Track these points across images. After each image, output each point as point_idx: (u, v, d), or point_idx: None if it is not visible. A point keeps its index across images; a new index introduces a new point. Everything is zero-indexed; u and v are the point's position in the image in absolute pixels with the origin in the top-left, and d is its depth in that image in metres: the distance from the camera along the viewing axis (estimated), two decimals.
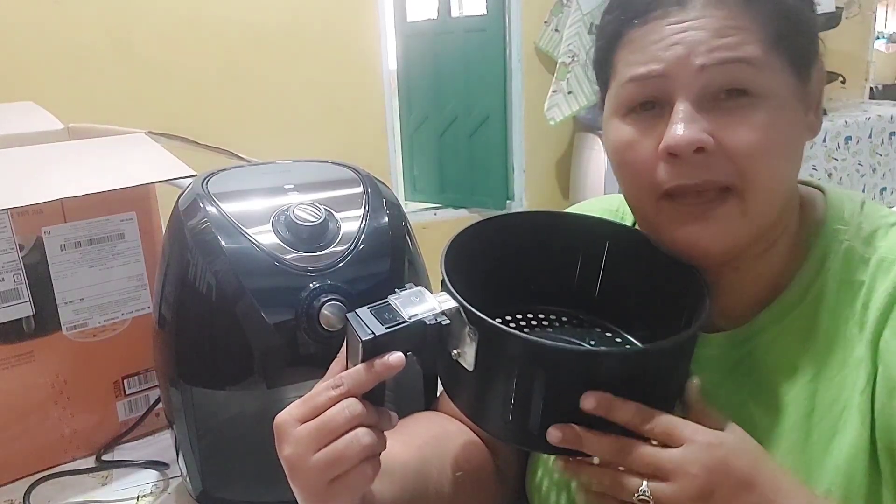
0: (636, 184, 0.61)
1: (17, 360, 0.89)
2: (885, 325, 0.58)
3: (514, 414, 0.53)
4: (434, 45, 3.18)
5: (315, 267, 0.72)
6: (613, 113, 0.62)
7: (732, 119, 0.56)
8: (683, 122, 0.55)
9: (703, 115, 0.56)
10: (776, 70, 0.57)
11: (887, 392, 0.57)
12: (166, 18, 2.50)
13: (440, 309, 0.54)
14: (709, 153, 0.56)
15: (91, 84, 2.40)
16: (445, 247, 0.60)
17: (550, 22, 3.10)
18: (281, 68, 2.74)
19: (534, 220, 0.69)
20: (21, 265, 0.87)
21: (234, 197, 0.77)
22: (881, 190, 3.16)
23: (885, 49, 5.13)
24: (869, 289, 0.60)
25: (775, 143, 0.57)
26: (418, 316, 0.53)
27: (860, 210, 0.64)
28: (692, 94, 0.56)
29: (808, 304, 0.62)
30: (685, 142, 0.55)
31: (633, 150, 0.60)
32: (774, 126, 0.56)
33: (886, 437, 0.57)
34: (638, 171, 0.60)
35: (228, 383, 0.77)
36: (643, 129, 0.59)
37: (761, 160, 0.56)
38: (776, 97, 0.57)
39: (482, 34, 3.11)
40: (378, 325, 0.53)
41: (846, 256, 0.62)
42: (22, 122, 1.12)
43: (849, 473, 0.58)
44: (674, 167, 0.57)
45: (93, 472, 0.92)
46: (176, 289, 0.75)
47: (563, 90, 2.92)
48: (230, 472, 0.88)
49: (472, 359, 0.52)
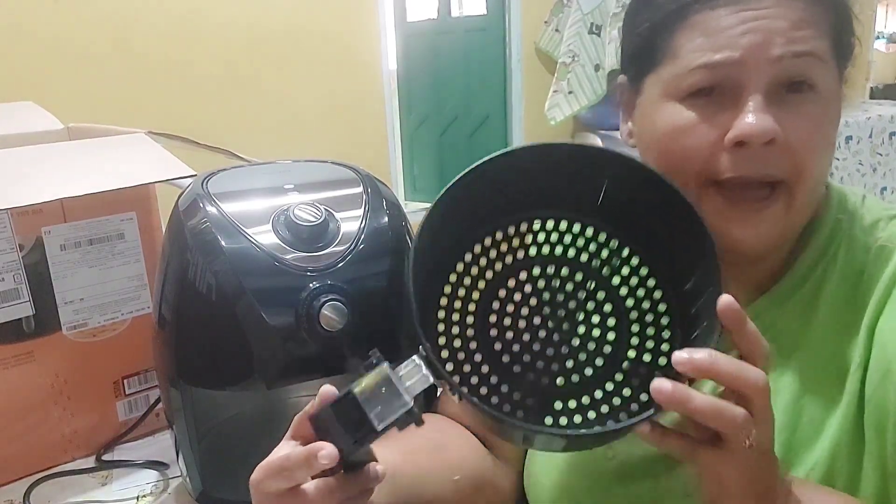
0: (684, 169, 0.59)
1: (17, 360, 0.89)
2: (883, 311, 0.59)
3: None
4: (434, 45, 3.18)
5: (315, 267, 0.72)
6: (667, 95, 0.60)
7: (794, 113, 0.56)
8: (758, 113, 0.55)
9: (773, 106, 0.56)
10: (832, 68, 0.58)
11: (880, 375, 0.57)
12: (166, 18, 2.50)
13: (411, 403, 0.47)
14: (775, 146, 0.56)
15: (91, 84, 2.41)
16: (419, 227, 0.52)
17: (551, 22, 3.10)
18: (281, 68, 2.74)
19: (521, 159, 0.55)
20: (21, 265, 0.87)
21: (234, 197, 0.77)
22: (881, 189, 3.17)
23: (885, 49, 5.13)
24: (869, 276, 0.61)
25: (826, 138, 0.58)
26: (388, 422, 0.47)
27: (862, 203, 0.66)
28: (764, 85, 0.56)
29: (808, 290, 0.63)
30: (760, 132, 0.55)
31: (690, 135, 0.58)
32: (826, 121, 0.58)
33: (876, 418, 0.57)
34: (691, 156, 0.59)
35: (228, 383, 0.77)
36: (704, 116, 0.58)
37: (814, 155, 0.57)
38: (829, 93, 0.58)
39: (482, 34, 3.11)
40: (347, 438, 0.47)
41: (847, 245, 0.63)
42: (22, 122, 1.12)
43: (833, 453, 0.59)
44: (740, 158, 0.56)
45: (93, 472, 0.92)
46: (176, 289, 0.75)
47: (564, 90, 2.93)
48: (230, 472, 0.87)
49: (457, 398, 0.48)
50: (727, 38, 0.56)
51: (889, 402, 0.57)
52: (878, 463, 0.58)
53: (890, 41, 5.36)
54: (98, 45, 2.42)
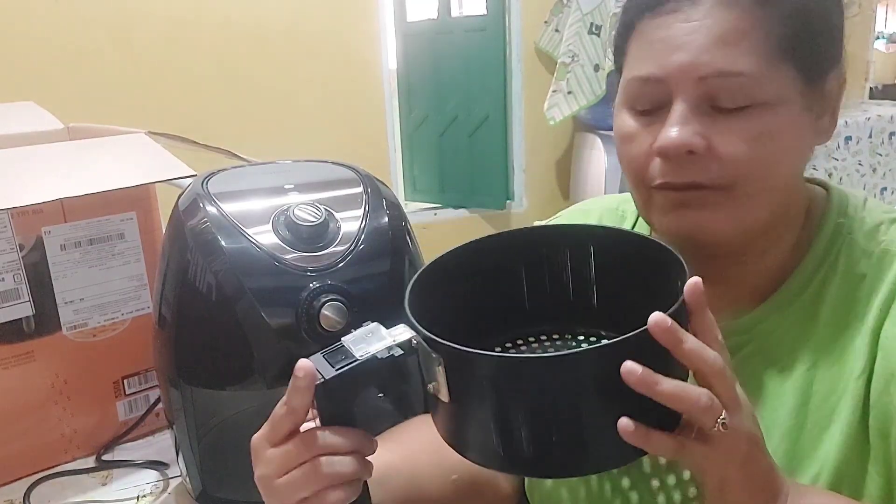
0: (632, 173, 0.63)
1: (17, 360, 0.89)
2: (887, 316, 0.59)
3: (502, 440, 0.49)
4: (434, 45, 3.18)
5: (315, 267, 0.72)
6: (622, 103, 0.64)
7: (728, 125, 0.56)
8: (677, 125, 0.57)
9: (700, 118, 0.57)
10: (780, 77, 0.56)
11: (885, 380, 0.57)
12: (166, 18, 2.50)
13: (394, 342, 0.51)
14: (699, 156, 0.57)
15: (91, 84, 2.41)
16: (413, 277, 0.57)
17: (550, 22, 3.10)
18: (281, 68, 2.74)
19: (510, 239, 0.65)
20: (21, 265, 0.87)
21: (234, 197, 0.77)
22: (881, 190, 3.17)
23: (885, 49, 5.13)
24: (872, 281, 0.60)
25: (770, 150, 0.57)
26: (370, 352, 0.51)
27: (863, 206, 0.65)
28: (690, 99, 0.57)
29: (809, 295, 0.63)
30: (675, 144, 0.57)
31: (632, 143, 0.62)
32: (770, 134, 0.57)
33: (881, 422, 0.57)
34: (634, 163, 0.62)
35: (228, 383, 0.77)
36: (643, 125, 0.61)
37: (752, 168, 0.57)
38: (778, 104, 0.57)
39: (482, 34, 3.11)
40: (329, 368, 0.51)
41: (849, 249, 0.62)
42: (22, 122, 1.12)
43: (839, 459, 0.59)
44: (665, 165, 0.59)
45: (93, 472, 0.92)
46: (176, 289, 0.75)
47: (563, 90, 2.93)
48: (230, 472, 0.87)
49: (445, 388, 0.49)
50: (658, 54, 0.58)
51: (894, 408, 0.56)
52: (884, 468, 0.58)
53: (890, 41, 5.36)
54: (98, 45, 2.41)
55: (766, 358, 0.64)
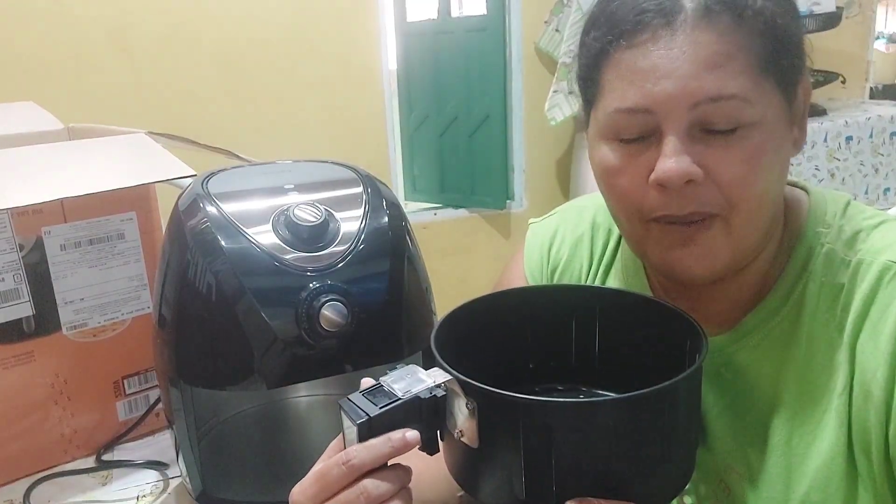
0: (624, 207, 0.61)
1: (17, 360, 0.89)
2: (862, 329, 0.58)
3: (528, 484, 0.50)
4: (434, 45, 3.18)
5: (315, 267, 0.72)
6: (600, 136, 0.61)
7: (722, 150, 0.56)
8: (674, 156, 0.55)
9: (694, 145, 0.56)
10: (765, 95, 0.56)
11: (863, 395, 0.57)
12: (166, 19, 2.50)
13: (434, 383, 0.52)
14: (697, 184, 0.56)
15: (91, 84, 2.40)
16: (435, 326, 0.60)
17: (551, 22, 3.09)
18: (281, 68, 2.74)
19: (521, 295, 0.68)
20: (21, 265, 0.87)
21: (234, 197, 0.77)
22: (885, 191, 3.15)
23: (885, 49, 5.13)
24: (848, 292, 0.59)
25: (764, 169, 0.57)
26: (412, 392, 0.52)
27: (843, 212, 0.64)
28: (682, 127, 0.56)
29: (790, 309, 0.62)
30: (676, 175, 0.55)
31: (621, 176, 0.60)
32: (763, 152, 0.56)
33: (862, 439, 0.57)
34: (626, 196, 0.60)
35: (228, 383, 0.77)
36: (631, 156, 0.59)
37: (750, 188, 0.56)
38: (766, 122, 0.56)
39: (482, 34, 3.11)
40: (372, 406, 0.51)
41: (827, 259, 0.61)
42: (22, 122, 1.12)
43: (827, 476, 0.58)
44: (663, 197, 0.57)
45: (93, 472, 0.92)
46: (176, 289, 0.75)
47: (564, 90, 2.92)
48: (230, 472, 0.88)
49: (474, 433, 0.50)
50: (641, 84, 0.56)
51: (871, 425, 0.56)
52: (870, 484, 0.57)
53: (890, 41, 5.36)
54: (98, 46, 2.41)
55: (750, 376, 0.63)
